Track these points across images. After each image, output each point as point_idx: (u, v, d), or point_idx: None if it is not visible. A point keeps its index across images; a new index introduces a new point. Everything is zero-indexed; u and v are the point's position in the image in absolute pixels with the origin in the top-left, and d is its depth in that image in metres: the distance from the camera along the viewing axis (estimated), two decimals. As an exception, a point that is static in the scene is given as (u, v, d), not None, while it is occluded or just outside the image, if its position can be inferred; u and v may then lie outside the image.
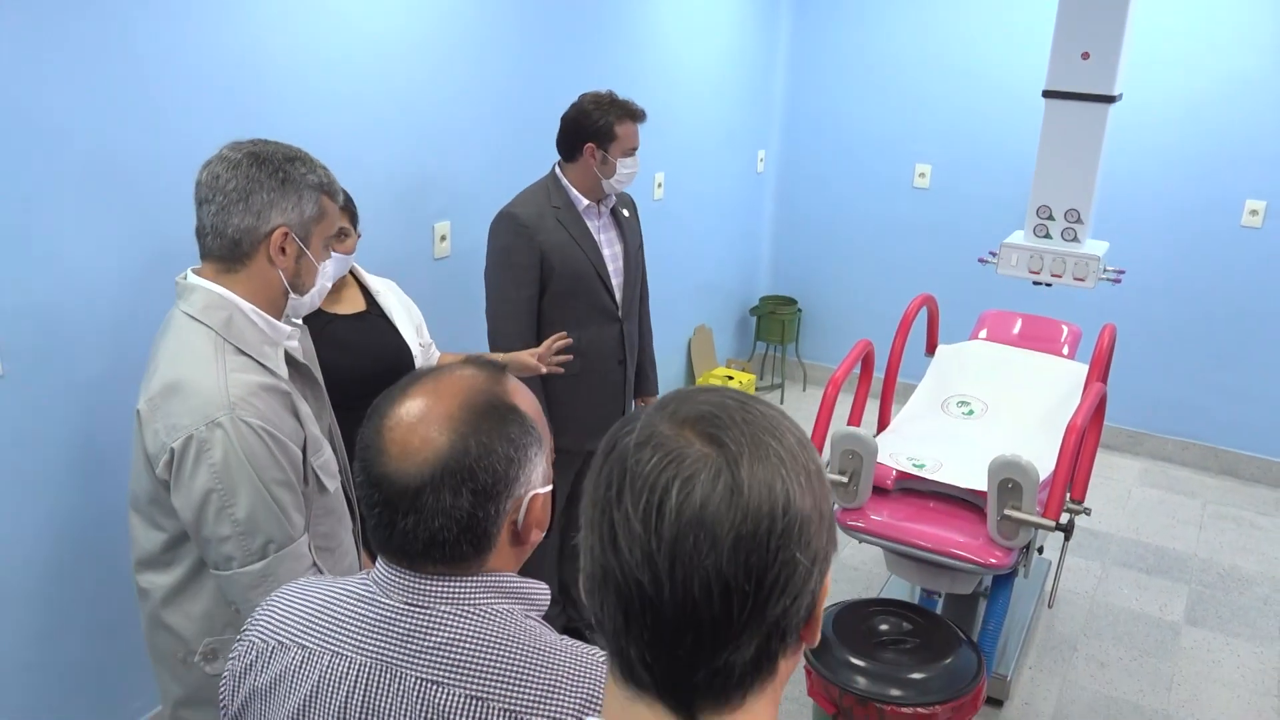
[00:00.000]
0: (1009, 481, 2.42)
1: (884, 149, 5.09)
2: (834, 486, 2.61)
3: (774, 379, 5.50)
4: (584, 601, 0.76)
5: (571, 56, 3.66)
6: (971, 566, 2.51)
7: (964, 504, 2.68)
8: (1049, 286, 3.33)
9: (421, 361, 2.37)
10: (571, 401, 2.80)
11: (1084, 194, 3.16)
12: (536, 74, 3.49)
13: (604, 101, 2.71)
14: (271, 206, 1.55)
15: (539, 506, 1.10)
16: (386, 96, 2.92)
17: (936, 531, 2.57)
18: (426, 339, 2.46)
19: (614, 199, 2.84)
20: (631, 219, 2.95)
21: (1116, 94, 3.04)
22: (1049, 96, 3.09)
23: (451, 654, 1.03)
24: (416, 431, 1.03)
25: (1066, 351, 3.40)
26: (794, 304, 5.42)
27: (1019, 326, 3.50)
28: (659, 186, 4.39)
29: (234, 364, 1.52)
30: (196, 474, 1.47)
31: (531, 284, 2.70)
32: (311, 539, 1.62)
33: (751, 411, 0.73)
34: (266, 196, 1.54)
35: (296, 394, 1.60)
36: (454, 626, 1.04)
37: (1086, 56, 3.01)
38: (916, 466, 2.73)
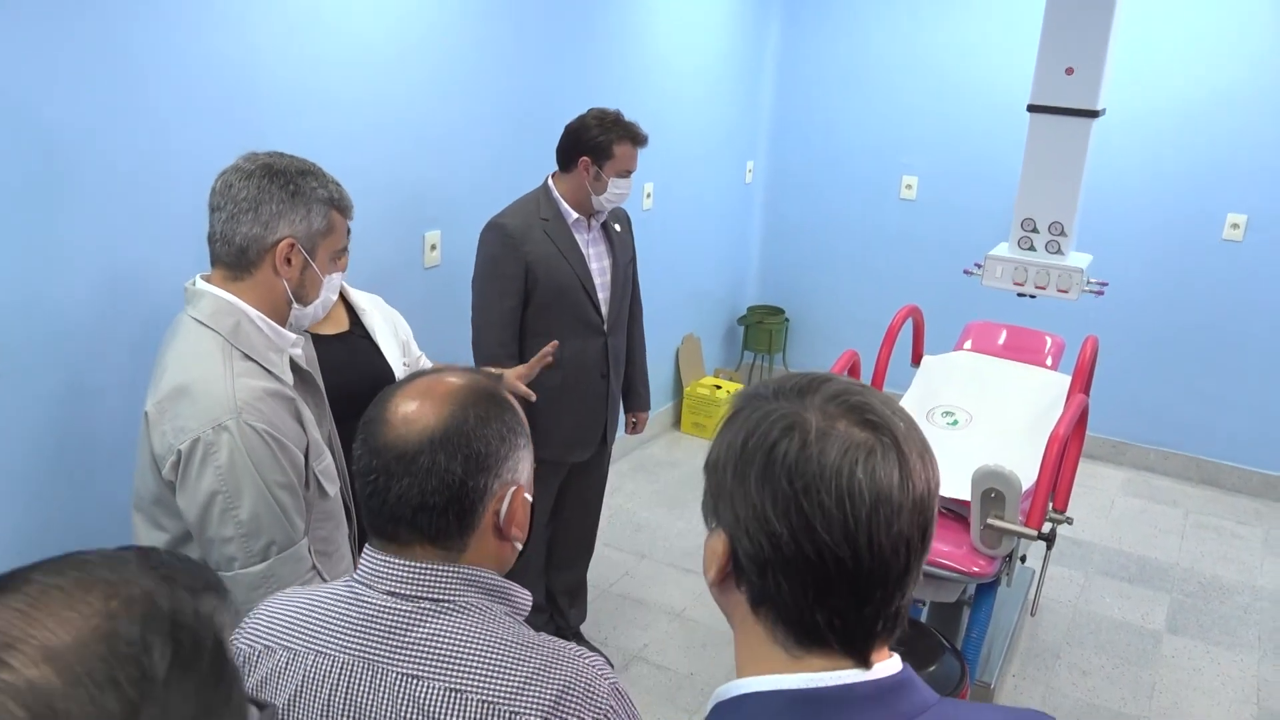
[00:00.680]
0: (992, 491, 2.45)
1: (871, 161, 5.14)
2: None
3: (761, 388, 5.52)
4: (715, 579, 0.85)
5: (563, 67, 3.69)
6: (955, 575, 2.53)
7: (948, 513, 2.71)
8: (1033, 298, 3.37)
9: None
10: (553, 414, 2.82)
11: (1068, 207, 3.20)
12: (528, 83, 3.52)
13: (608, 120, 2.72)
14: (280, 217, 1.60)
15: (521, 504, 1.16)
16: (378, 104, 2.94)
17: (921, 540, 2.59)
18: (414, 354, 2.44)
19: (605, 213, 2.86)
20: (624, 234, 2.96)
21: (1100, 109, 3.08)
22: (1033, 111, 3.13)
23: (431, 648, 1.07)
24: (419, 404, 1.11)
25: (1050, 362, 3.43)
26: (782, 314, 5.46)
27: (1003, 337, 3.54)
28: (648, 196, 4.42)
29: (241, 369, 1.56)
30: (202, 476, 1.51)
31: (516, 295, 2.72)
32: (311, 543, 1.65)
33: (871, 396, 0.85)
34: (276, 207, 1.59)
35: (300, 400, 1.64)
36: (434, 622, 1.08)
37: (1070, 72, 3.04)
38: (901, 476, 2.76)
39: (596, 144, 2.69)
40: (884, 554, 0.79)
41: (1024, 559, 2.99)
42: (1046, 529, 2.53)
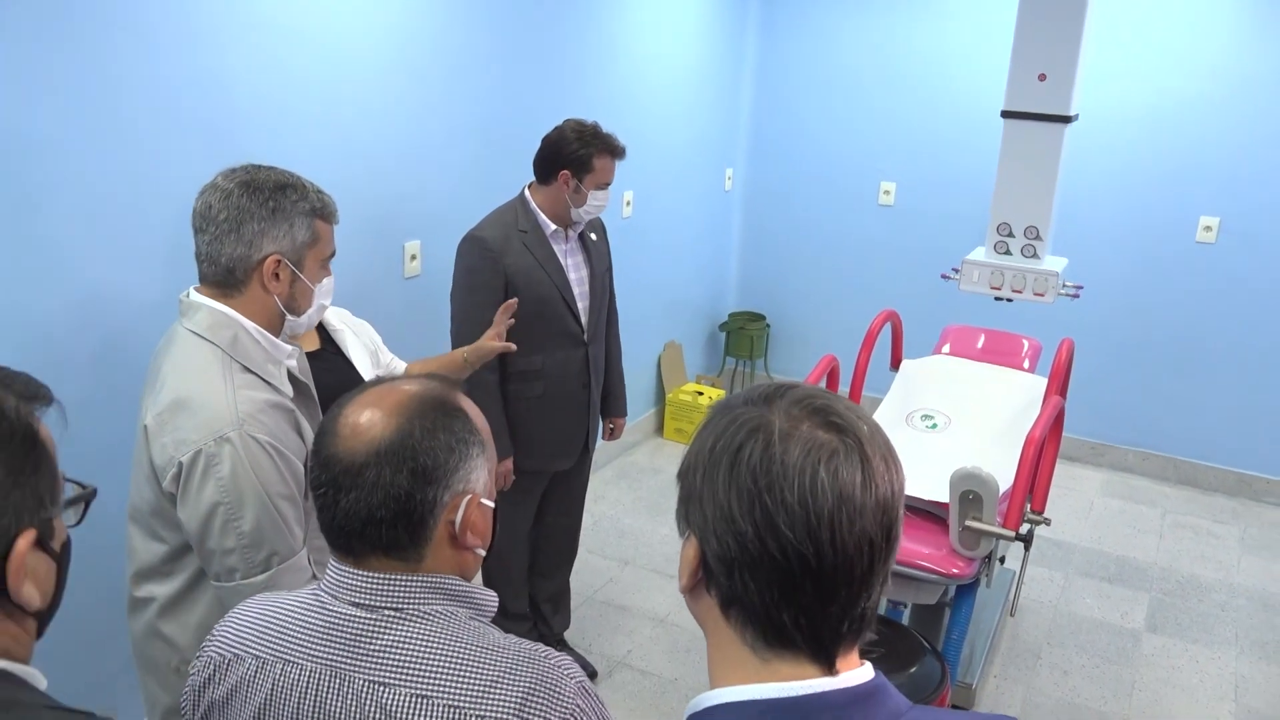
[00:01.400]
0: (970, 493, 2.48)
1: (850, 167, 5.17)
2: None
3: (743, 394, 5.54)
4: (687, 582, 0.87)
5: (541, 77, 3.71)
6: (934, 577, 2.56)
7: (928, 515, 2.73)
8: (1010, 302, 3.40)
9: None
10: (536, 423, 2.83)
11: (1043, 211, 3.24)
12: (506, 93, 3.54)
13: (587, 132, 2.73)
14: (263, 235, 1.60)
15: (476, 511, 1.14)
16: (357, 116, 2.94)
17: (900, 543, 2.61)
18: (386, 360, 2.42)
19: (582, 224, 2.86)
20: (600, 243, 2.97)
21: (1073, 114, 3.12)
22: (1007, 117, 3.17)
23: (396, 655, 1.08)
24: (367, 417, 1.10)
25: (1027, 365, 3.47)
26: (763, 320, 5.49)
27: (981, 341, 3.57)
28: (628, 205, 4.44)
29: (241, 381, 1.57)
30: (204, 487, 1.51)
31: (495, 307, 2.71)
32: (310, 552, 1.66)
33: (839, 401, 0.88)
34: (257, 226, 1.59)
35: (299, 411, 1.65)
36: (399, 629, 1.09)
37: (1043, 78, 3.08)
38: (881, 479, 2.78)
39: (576, 157, 2.70)
40: (847, 552, 0.81)
41: (1003, 560, 3.01)
42: (1024, 530, 2.56)
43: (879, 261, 5.20)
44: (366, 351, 2.33)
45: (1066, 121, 3.10)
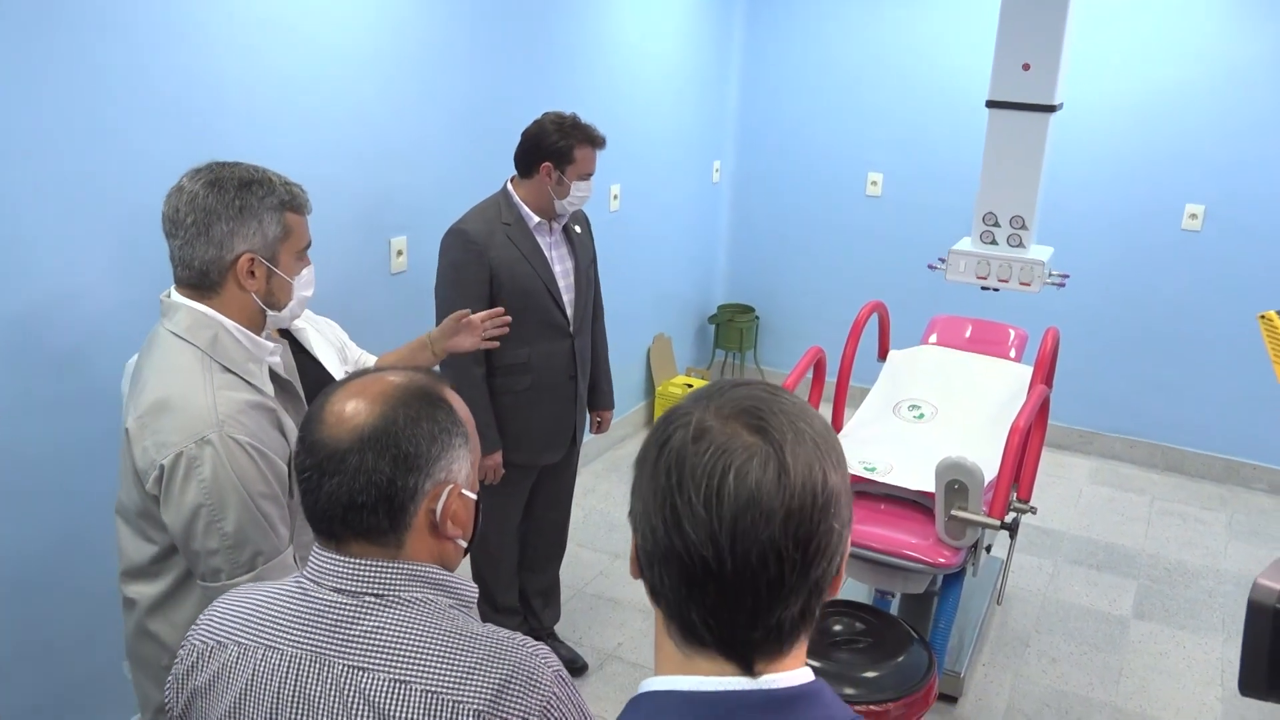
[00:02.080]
0: (955, 482, 2.49)
1: (837, 158, 5.18)
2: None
3: (733, 386, 5.55)
4: (634, 570, 0.86)
5: (526, 70, 3.70)
6: (921, 566, 2.57)
7: (915, 505, 2.75)
8: (997, 291, 3.41)
9: None
10: (523, 416, 2.83)
11: (1028, 201, 3.24)
12: (492, 87, 3.53)
13: (566, 124, 2.73)
14: (233, 235, 1.58)
15: (458, 502, 1.17)
16: (341, 111, 2.94)
17: (887, 533, 2.63)
18: (355, 355, 2.38)
19: (566, 216, 2.86)
20: (584, 235, 2.96)
21: (1057, 103, 3.12)
22: (992, 106, 3.16)
23: (377, 641, 1.10)
24: (352, 405, 1.13)
25: (1014, 354, 3.48)
26: (752, 312, 5.49)
27: (968, 331, 3.58)
28: (615, 198, 4.44)
29: (221, 381, 1.56)
30: (186, 490, 1.51)
31: (480, 300, 2.72)
32: (296, 550, 1.66)
33: (783, 402, 0.84)
34: (226, 226, 1.57)
35: (281, 409, 1.64)
36: (380, 615, 1.11)
37: (1027, 68, 3.08)
38: (868, 470, 2.79)
39: (557, 149, 2.70)
40: (749, 560, 0.78)
41: (989, 549, 3.03)
42: (1009, 519, 2.57)
43: (867, 252, 5.21)
44: (332, 348, 2.31)
45: (1051, 111, 3.11)
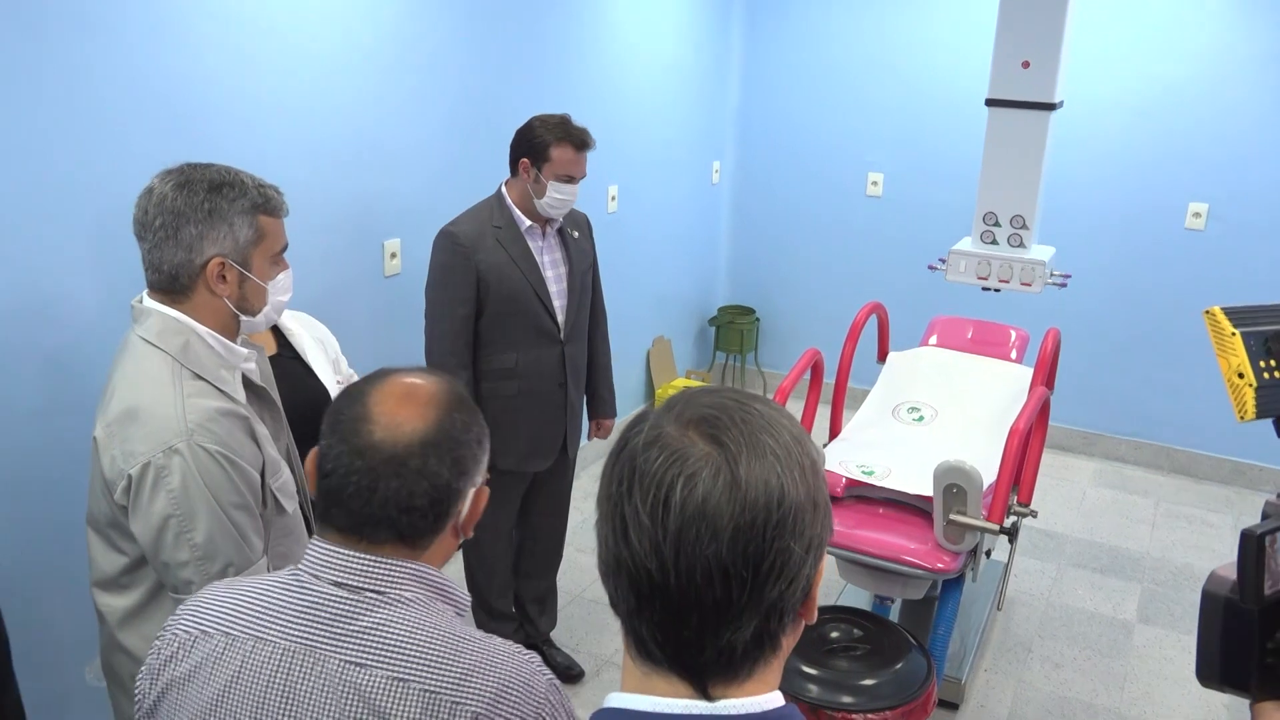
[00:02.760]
0: (954, 486, 2.45)
1: (837, 158, 5.14)
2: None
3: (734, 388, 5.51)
4: (604, 586, 0.82)
5: (522, 70, 3.67)
6: (919, 571, 2.53)
7: (913, 510, 2.71)
8: (997, 291, 3.37)
9: None
10: (510, 423, 2.79)
11: (1029, 200, 3.21)
12: (486, 87, 3.50)
13: (551, 122, 2.69)
14: (202, 239, 1.54)
15: (480, 500, 1.21)
16: (332, 112, 2.91)
17: (885, 538, 2.59)
18: (345, 372, 2.39)
19: (559, 220, 2.82)
20: (582, 240, 2.91)
21: (1057, 101, 3.09)
22: (991, 105, 3.13)
23: (376, 638, 1.09)
24: (405, 407, 1.13)
25: (1014, 355, 3.44)
26: (752, 313, 5.45)
27: (968, 332, 3.54)
28: (612, 199, 4.40)
29: (191, 389, 1.52)
30: (155, 500, 1.48)
31: (467, 303, 2.69)
32: (271, 560, 1.63)
33: (750, 411, 0.80)
34: (195, 229, 1.54)
35: (254, 417, 1.61)
36: (379, 612, 1.10)
37: (1027, 65, 3.05)
38: (866, 473, 2.75)
39: (534, 145, 2.67)
40: (694, 577, 0.74)
41: (989, 554, 2.98)
42: (1009, 523, 2.53)
43: (868, 253, 5.17)
44: (326, 357, 2.29)
45: (1051, 109, 3.07)
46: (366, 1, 2.96)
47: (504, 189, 2.77)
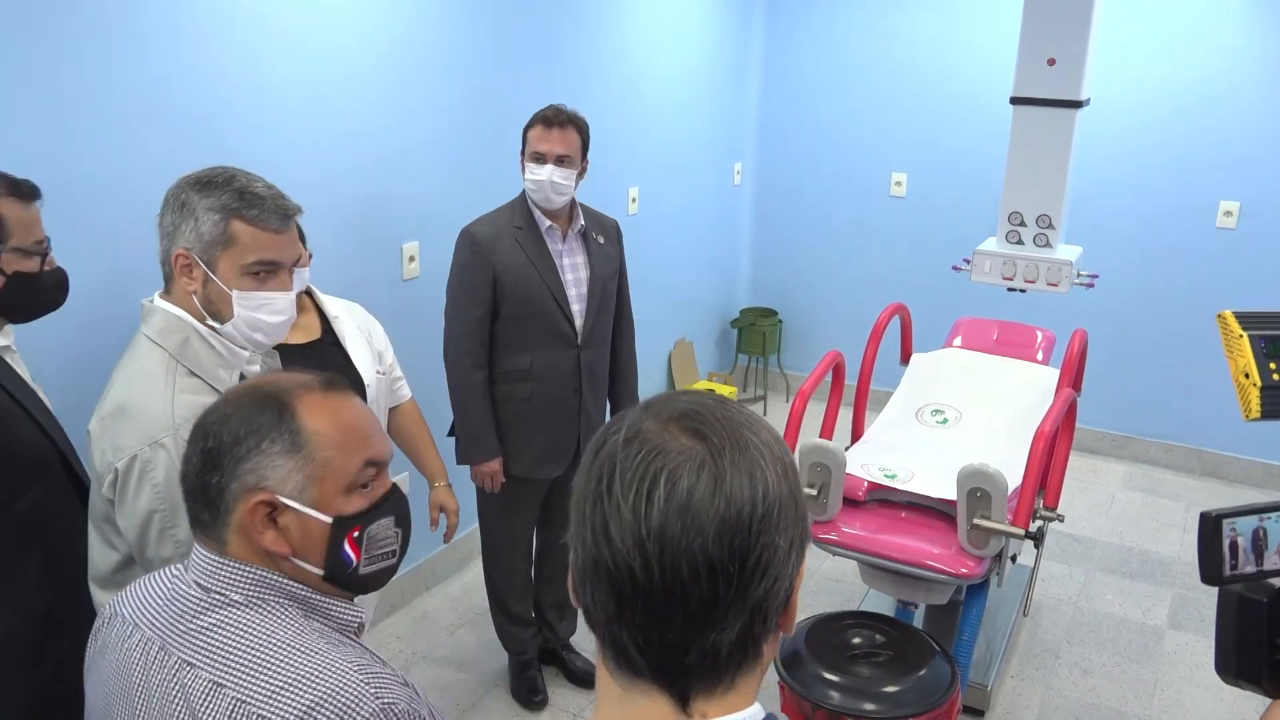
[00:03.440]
0: (978, 490, 2.41)
1: (860, 158, 5.09)
2: (803, 499, 2.58)
3: (756, 391, 5.49)
4: (574, 598, 0.80)
5: (540, 72, 3.66)
6: (943, 577, 2.48)
7: (937, 514, 2.66)
8: (1023, 292, 3.32)
9: (376, 392, 2.27)
10: (523, 427, 2.77)
11: (1055, 199, 3.16)
12: (505, 90, 3.49)
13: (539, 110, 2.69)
14: (175, 228, 1.58)
15: (287, 515, 1.11)
16: (349, 115, 2.90)
17: (907, 542, 2.55)
18: (388, 365, 2.39)
19: (582, 221, 2.78)
20: (607, 246, 2.86)
21: (1084, 99, 3.04)
22: (1017, 103, 3.09)
23: (209, 639, 1.08)
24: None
25: (1041, 357, 3.38)
26: (774, 315, 5.42)
27: (993, 333, 3.49)
28: (633, 201, 4.38)
29: (183, 385, 1.53)
30: (140, 494, 1.48)
31: (483, 304, 2.67)
32: None
33: (729, 409, 0.79)
34: (171, 219, 1.58)
35: None
36: (221, 613, 1.09)
37: (1053, 62, 3.00)
38: (888, 477, 2.71)
39: (523, 134, 2.68)
40: (680, 573, 0.73)
41: (1014, 559, 2.93)
42: (1035, 528, 2.48)
43: (892, 254, 5.12)
44: (369, 348, 2.30)
45: (1078, 106, 3.02)
46: (385, 5, 2.96)
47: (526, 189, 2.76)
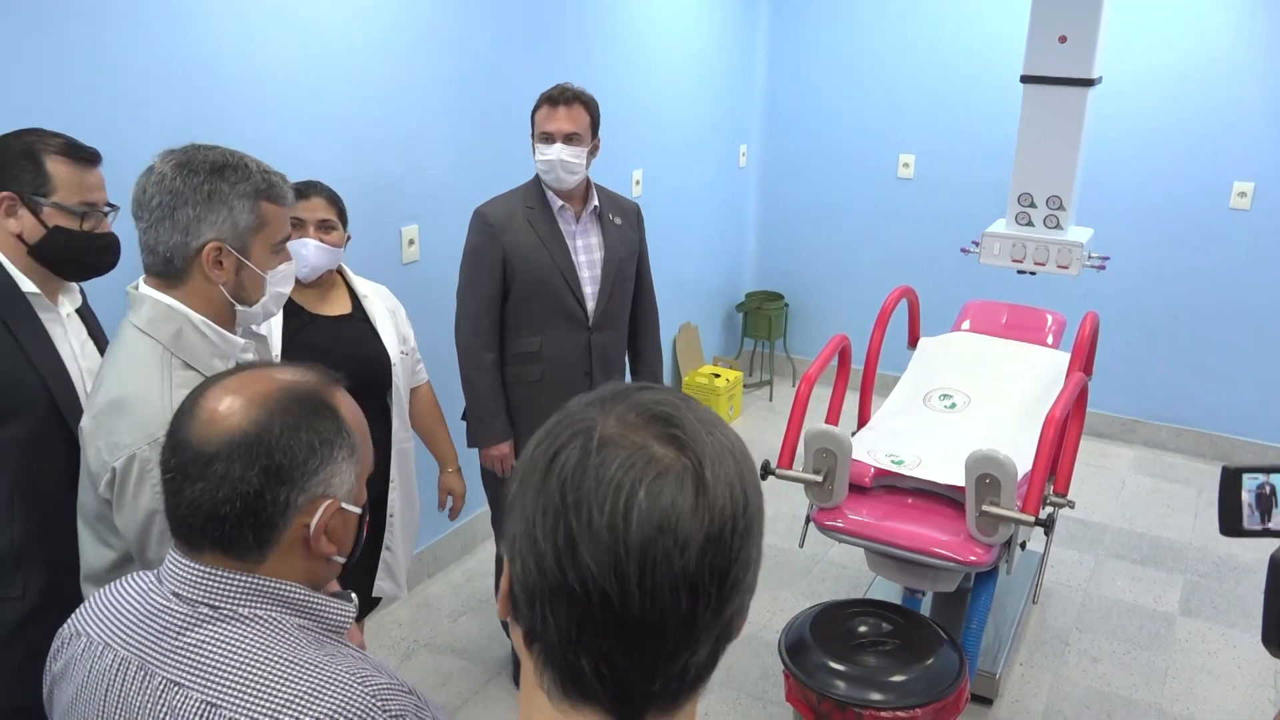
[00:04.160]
0: (986, 476, 2.36)
1: (867, 140, 5.03)
2: (809, 486, 2.55)
3: (762, 375, 5.44)
4: (507, 613, 0.73)
5: (544, 53, 3.60)
6: (950, 564, 2.44)
7: (945, 500, 2.62)
8: (1033, 275, 3.27)
9: (400, 371, 2.31)
10: (532, 409, 2.73)
11: (1065, 180, 3.11)
12: (506, 71, 3.43)
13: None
14: (199, 221, 1.49)
15: (337, 519, 1.08)
16: (348, 97, 2.86)
17: (915, 529, 2.50)
18: (411, 347, 2.42)
19: (596, 202, 2.73)
20: (624, 228, 2.81)
21: (1096, 77, 2.98)
22: (1027, 82, 3.04)
23: (198, 656, 1.01)
24: (227, 403, 1.04)
25: (1051, 341, 3.33)
26: (781, 299, 5.36)
27: (1003, 316, 3.44)
28: (637, 184, 4.33)
29: (180, 379, 1.47)
30: (140, 494, 1.43)
31: (493, 284, 2.64)
32: None
33: (694, 410, 0.72)
34: (193, 211, 1.48)
35: None
36: (209, 629, 1.02)
37: (1064, 40, 2.95)
38: (895, 463, 2.67)
39: (531, 116, 2.65)
40: (660, 596, 0.66)
41: (1024, 545, 2.89)
42: (1045, 514, 2.44)
43: (900, 236, 5.06)
44: (395, 329, 2.34)
45: (1089, 85, 2.97)
46: (382, -17, 2.91)
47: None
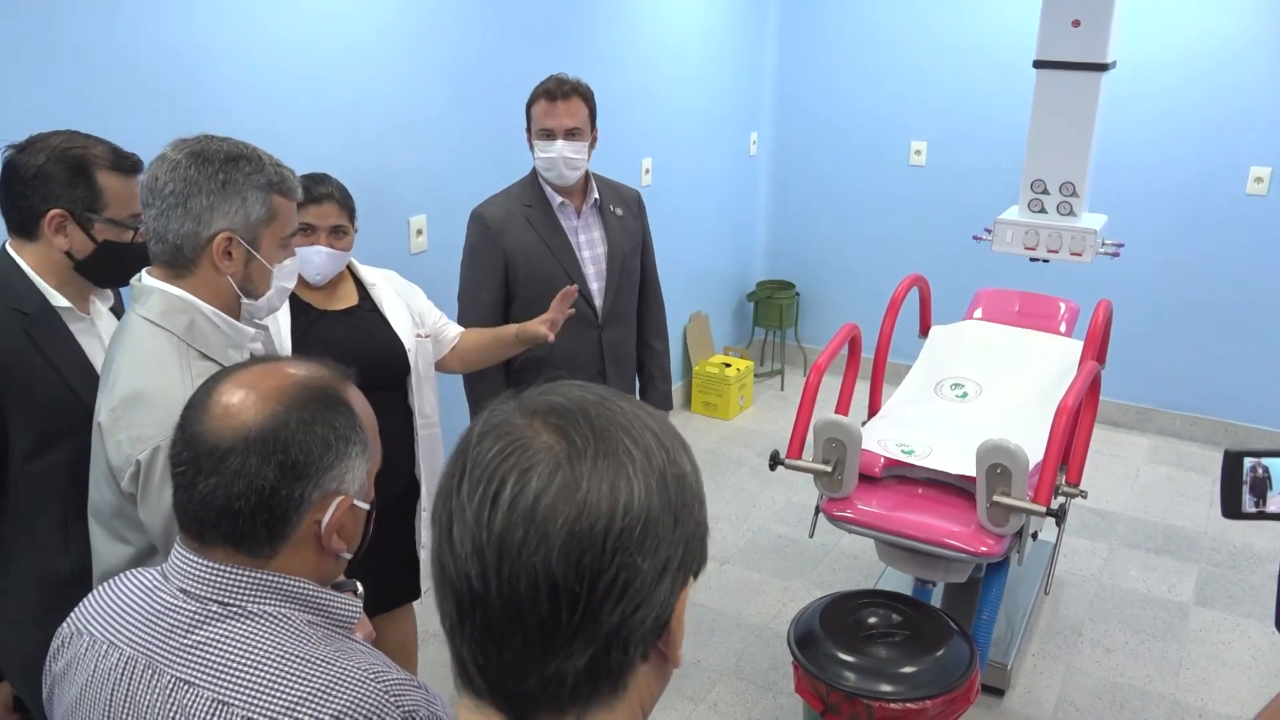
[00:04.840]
0: (998, 466, 2.34)
1: (879, 127, 4.99)
2: (818, 476, 2.53)
3: (774, 365, 5.42)
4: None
5: (550, 42, 3.58)
6: (961, 555, 2.43)
7: (956, 490, 2.60)
8: (1046, 262, 3.24)
9: (416, 355, 2.29)
10: None
11: (1079, 166, 3.07)
12: (513, 58, 3.41)
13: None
14: (212, 210, 1.49)
15: (348, 515, 1.08)
16: (354, 87, 2.85)
17: (925, 520, 2.49)
18: (431, 325, 2.36)
19: (596, 194, 2.68)
20: (626, 218, 2.75)
21: (1110, 62, 2.94)
22: (1040, 67, 3.00)
23: (208, 654, 1.00)
24: (240, 398, 1.04)
25: (1064, 329, 3.30)
26: (792, 288, 5.34)
27: (1015, 305, 3.41)
28: (646, 173, 4.31)
29: (200, 370, 1.47)
30: (165, 486, 1.41)
31: (495, 288, 2.59)
32: None
33: (610, 408, 0.70)
34: (206, 200, 1.48)
35: None
36: (218, 626, 1.02)
37: (1077, 24, 2.91)
38: (905, 453, 2.65)
39: (526, 110, 2.58)
40: (516, 588, 0.64)
41: (1035, 535, 2.87)
42: (1057, 504, 2.41)
43: (912, 224, 5.02)
44: (407, 311, 2.30)
45: (1103, 70, 2.93)
46: (387, -29, 2.89)
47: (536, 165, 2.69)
